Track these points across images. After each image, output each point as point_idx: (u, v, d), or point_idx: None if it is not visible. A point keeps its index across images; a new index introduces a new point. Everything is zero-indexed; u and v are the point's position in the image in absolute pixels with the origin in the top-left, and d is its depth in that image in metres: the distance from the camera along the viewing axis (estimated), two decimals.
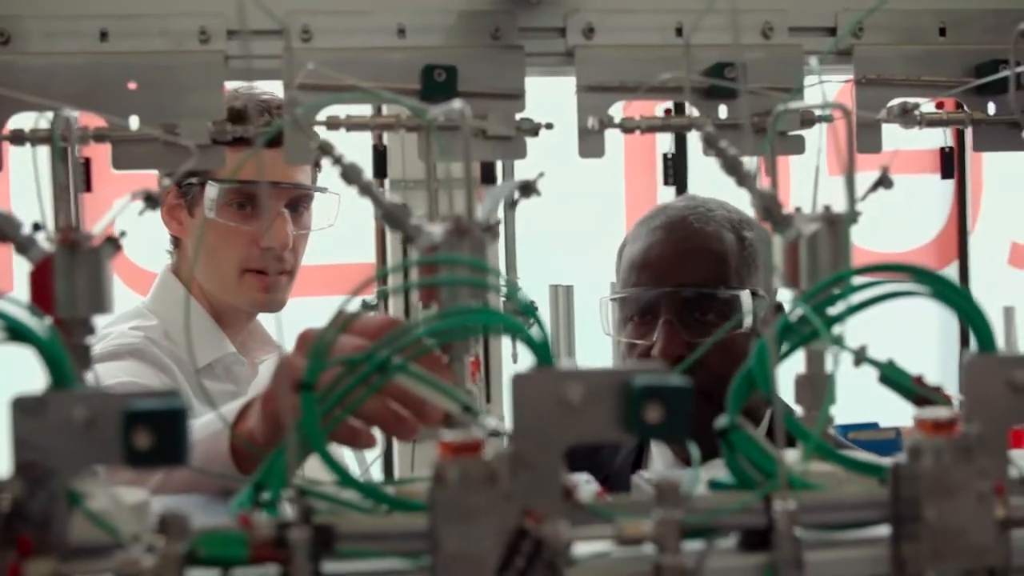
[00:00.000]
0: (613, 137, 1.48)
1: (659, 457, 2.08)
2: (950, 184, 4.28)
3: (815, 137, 1.48)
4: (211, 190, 2.17)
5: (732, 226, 2.03)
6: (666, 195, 5.46)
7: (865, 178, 1.25)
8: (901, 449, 0.99)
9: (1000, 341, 1.07)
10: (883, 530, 1.02)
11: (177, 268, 2.35)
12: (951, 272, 4.25)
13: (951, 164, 1.52)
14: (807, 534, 1.00)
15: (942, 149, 1.53)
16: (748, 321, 1.95)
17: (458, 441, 0.91)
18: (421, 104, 1.32)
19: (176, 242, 2.34)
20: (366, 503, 1.05)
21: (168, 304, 2.27)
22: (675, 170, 1.47)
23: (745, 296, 1.96)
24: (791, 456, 1.13)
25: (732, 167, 1.21)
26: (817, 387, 1.19)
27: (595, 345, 2.20)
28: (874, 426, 3.61)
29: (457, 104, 1.17)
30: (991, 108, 1.56)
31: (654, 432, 0.93)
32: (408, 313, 3.95)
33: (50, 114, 1.19)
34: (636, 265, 2.04)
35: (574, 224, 3.87)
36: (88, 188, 1.30)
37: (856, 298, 1.06)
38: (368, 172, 1.30)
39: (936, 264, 4.19)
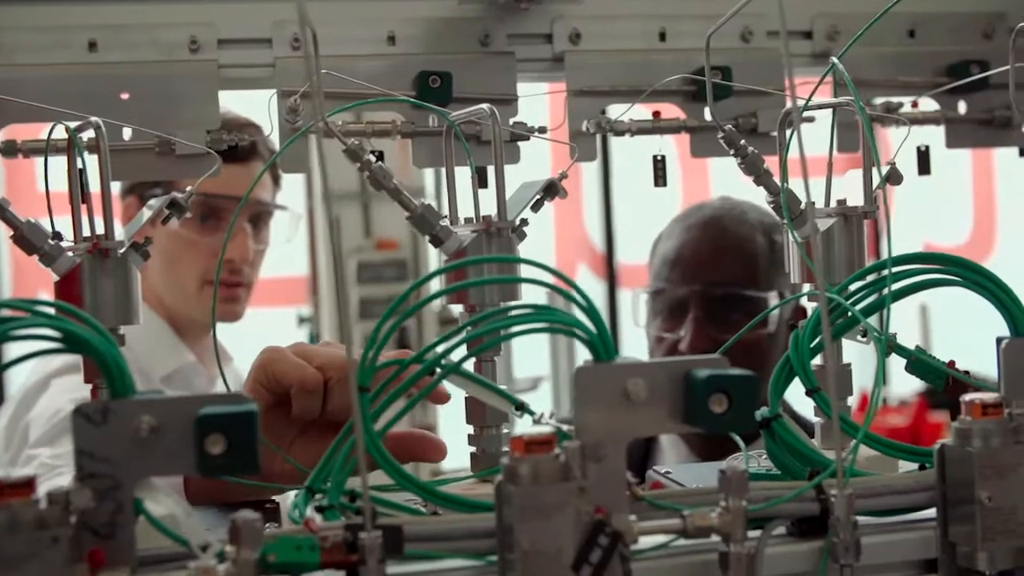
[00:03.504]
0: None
1: (672, 451, 2.10)
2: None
3: (807, 136, 1.51)
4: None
5: (764, 229, 2.10)
6: (593, 198, 5.49)
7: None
8: None
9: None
10: (924, 513, 1.05)
11: None
12: None
13: (927, 162, 1.56)
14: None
15: (918, 148, 1.56)
16: (774, 323, 2.02)
17: (529, 436, 0.91)
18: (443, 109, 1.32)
19: None
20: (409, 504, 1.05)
21: None
22: (664, 171, 1.48)
23: (772, 298, 2.04)
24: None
25: (751, 165, 1.23)
26: (838, 378, 1.22)
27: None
28: None
29: (485, 107, 1.18)
30: (962, 107, 1.61)
31: (720, 424, 0.93)
32: (343, 330, 3.94)
33: (70, 123, 1.17)
34: (669, 261, 2.11)
35: None
36: (84, 199, 1.28)
37: (894, 287, 1.08)
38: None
39: None
